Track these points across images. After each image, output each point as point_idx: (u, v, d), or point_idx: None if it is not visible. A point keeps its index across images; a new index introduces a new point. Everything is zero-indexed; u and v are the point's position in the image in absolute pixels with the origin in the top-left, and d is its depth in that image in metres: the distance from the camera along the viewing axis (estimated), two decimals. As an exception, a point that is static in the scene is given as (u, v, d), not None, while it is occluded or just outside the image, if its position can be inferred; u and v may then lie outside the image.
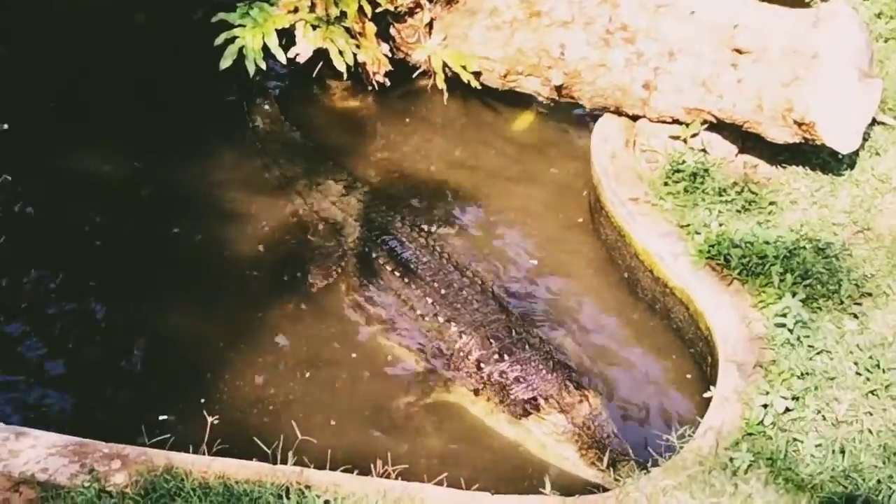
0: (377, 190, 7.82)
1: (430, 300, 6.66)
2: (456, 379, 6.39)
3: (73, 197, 7.65)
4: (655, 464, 5.40)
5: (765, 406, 5.48)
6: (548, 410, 5.97)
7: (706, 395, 5.77)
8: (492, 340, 6.36)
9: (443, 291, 6.69)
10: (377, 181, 8.00)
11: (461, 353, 6.42)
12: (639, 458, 5.65)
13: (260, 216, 7.57)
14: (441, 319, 6.57)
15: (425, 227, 7.37)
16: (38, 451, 5.25)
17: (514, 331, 6.41)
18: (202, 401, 6.15)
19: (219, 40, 7.77)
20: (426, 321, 6.61)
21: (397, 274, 6.84)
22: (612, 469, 5.60)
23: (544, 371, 6.15)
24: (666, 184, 6.99)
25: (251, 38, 7.73)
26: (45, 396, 6.31)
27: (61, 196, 7.67)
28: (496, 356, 6.29)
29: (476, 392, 6.29)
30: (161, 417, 6.03)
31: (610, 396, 6.32)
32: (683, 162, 7.11)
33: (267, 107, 8.45)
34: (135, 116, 8.32)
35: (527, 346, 6.31)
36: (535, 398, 6.03)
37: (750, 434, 5.38)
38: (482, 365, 6.30)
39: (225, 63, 7.75)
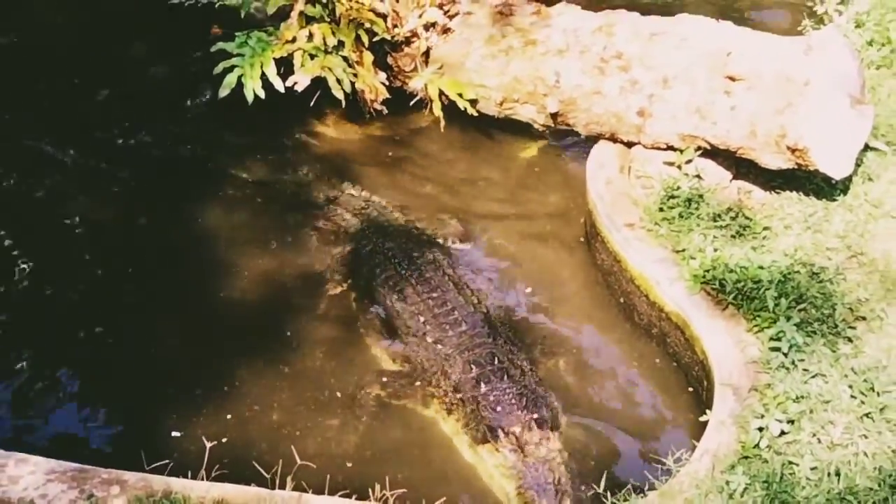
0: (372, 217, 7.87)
1: (422, 318, 6.73)
2: (434, 396, 6.43)
3: (73, 233, 7.76)
4: (652, 487, 5.40)
5: (760, 429, 5.50)
6: (504, 444, 5.94)
7: (702, 418, 5.78)
8: (472, 366, 6.38)
9: (435, 311, 6.75)
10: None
11: (442, 373, 6.46)
12: (635, 482, 5.62)
13: (260, 247, 7.63)
14: (429, 339, 6.63)
15: (439, 242, 7.53)
16: (37, 477, 5.26)
17: (496, 358, 6.42)
18: (200, 426, 6.18)
19: (217, 69, 7.82)
20: (415, 338, 6.70)
21: (398, 288, 6.95)
22: None
23: (515, 405, 6.12)
24: (661, 209, 7.03)
25: (249, 68, 7.77)
26: (47, 424, 6.35)
27: (62, 230, 7.76)
28: (473, 382, 6.30)
29: (448, 411, 6.33)
30: (174, 434, 6.13)
31: (606, 421, 6.35)
32: (678, 188, 7.15)
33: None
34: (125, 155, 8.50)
35: (505, 377, 6.29)
36: (496, 429, 6.01)
37: (746, 457, 5.40)
38: (458, 388, 6.33)
39: (223, 92, 7.79)
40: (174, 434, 6.14)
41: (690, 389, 6.42)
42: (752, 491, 5.19)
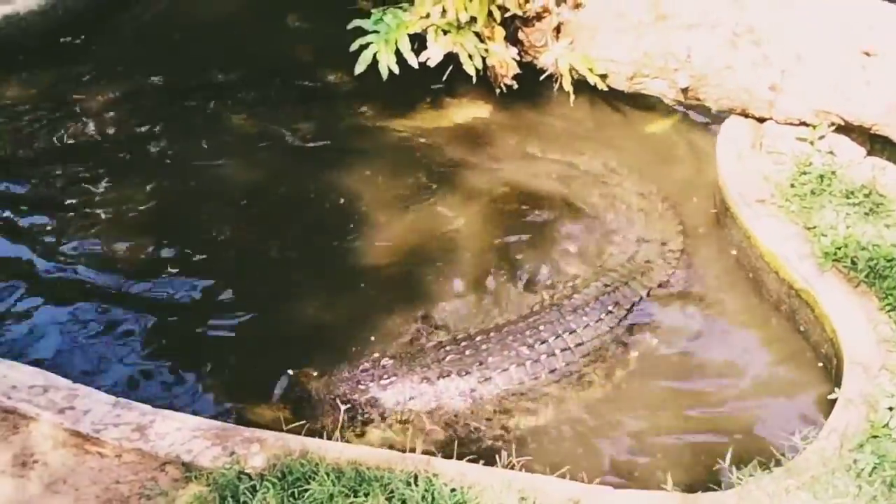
0: (499, 199, 7.99)
1: (517, 316, 6.71)
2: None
3: (201, 195, 8.10)
4: (778, 464, 5.38)
5: (890, 409, 5.43)
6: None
7: (830, 396, 5.74)
8: (372, 363, 6.43)
9: (524, 327, 6.58)
10: (503, 187, 8.12)
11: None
12: (761, 458, 5.57)
13: (395, 211, 7.83)
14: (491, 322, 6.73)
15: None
16: (183, 434, 5.49)
17: (382, 384, 6.30)
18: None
19: (354, 46, 7.99)
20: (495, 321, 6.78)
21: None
22: None
23: (339, 380, 6.31)
24: (792, 185, 6.97)
25: (384, 44, 7.92)
26: (183, 380, 6.57)
27: (192, 195, 8.11)
28: (353, 369, 6.40)
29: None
30: (288, 371, 6.41)
31: (732, 396, 6.32)
32: (810, 164, 7.09)
33: None
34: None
35: (374, 376, 6.32)
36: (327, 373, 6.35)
37: (875, 436, 5.33)
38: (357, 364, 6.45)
39: (359, 68, 7.96)
40: (288, 371, 6.41)
41: (819, 366, 6.35)
42: (880, 470, 5.14)
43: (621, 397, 6.39)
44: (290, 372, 6.41)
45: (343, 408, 6.03)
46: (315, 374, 6.37)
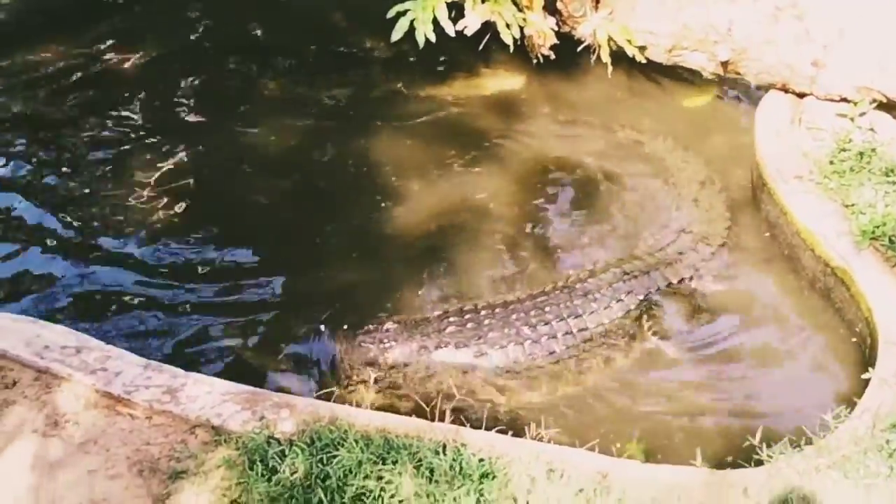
0: (533, 170, 7.96)
1: (531, 301, 6.61)
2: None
3: (234, 159, 8.15)
4: (809, 442, 5.33)
5: None
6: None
7: (864, 376, 5.68)
8: (376, 326, 6.49)
9: (531, 308, 6.54)
10: (537, 158, 8.08)
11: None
12: (791, 436, 5.51)
13: (421, 191, 7.80)
14: (503, 299, 6.67)
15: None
16: (213, 398, 5.52)
17: (381, 347, 6.38)
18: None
19: (391, 13, 7.93)
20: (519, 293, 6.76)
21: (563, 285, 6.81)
22: None
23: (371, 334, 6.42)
24: (832, 162, 6.89)
25: (421, 12, 7.85)
26: (212, 340, 6.65)
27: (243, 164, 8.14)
28: (418, 320, 6.52)
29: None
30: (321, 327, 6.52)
31: (765, 373, 6.29)
32: (850, 141, 7.00)
33: None
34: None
35: (399, 334, 6.40)
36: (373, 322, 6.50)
37: None
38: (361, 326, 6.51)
39: (396, 35, 7.90)
40: (321, 327, 6.53)
41: (853, 345, 6.28)
42: (914, 451, 5.07)
43: (650, 373, 6.38)
44: (323, 328, 6.52)
45: (340, 366, 6.20)
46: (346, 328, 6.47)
